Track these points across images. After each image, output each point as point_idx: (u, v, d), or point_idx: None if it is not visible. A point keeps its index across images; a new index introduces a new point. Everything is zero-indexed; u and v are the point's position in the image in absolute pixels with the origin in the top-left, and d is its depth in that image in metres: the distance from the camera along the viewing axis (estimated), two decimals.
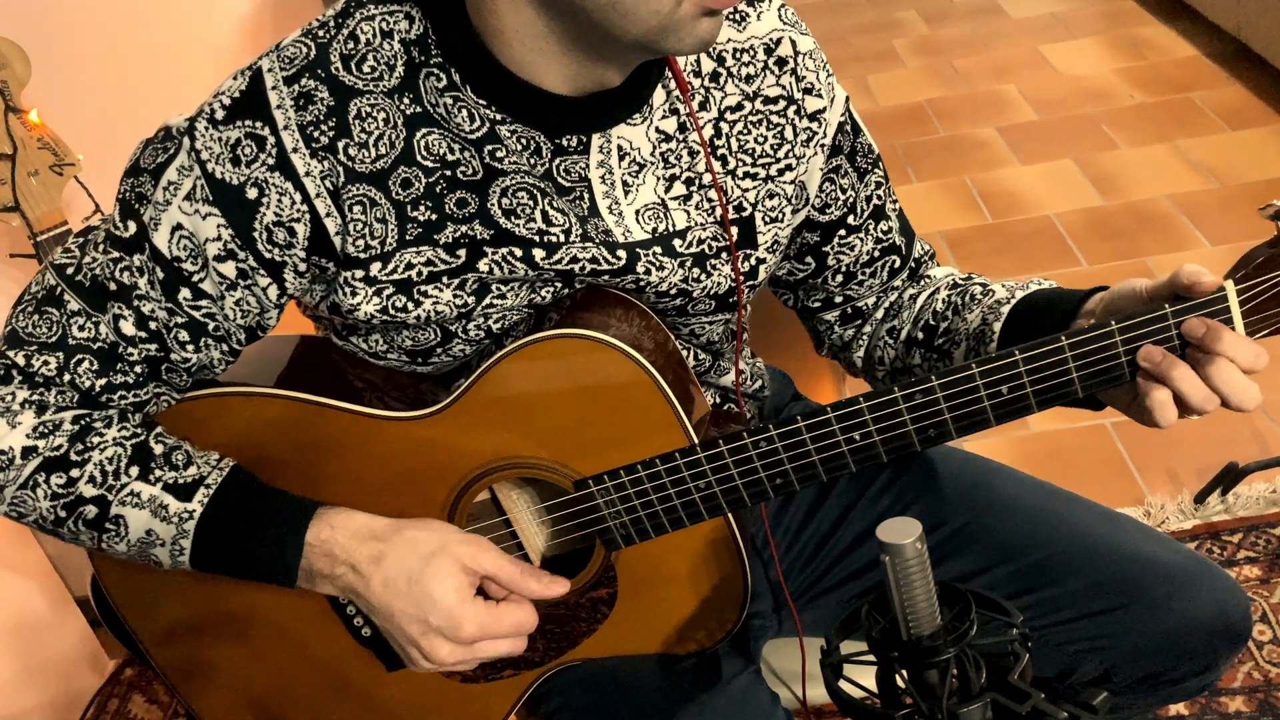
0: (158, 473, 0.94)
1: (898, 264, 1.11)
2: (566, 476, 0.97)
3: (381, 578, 0.93)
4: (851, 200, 1.07)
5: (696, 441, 0.95)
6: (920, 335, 1.09)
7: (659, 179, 0.97)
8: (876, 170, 1.09)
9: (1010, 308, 1.00)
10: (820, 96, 1.02)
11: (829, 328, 1.15)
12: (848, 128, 1.05)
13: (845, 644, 0.83)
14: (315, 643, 1.04)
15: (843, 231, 1.08)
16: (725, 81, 0.99)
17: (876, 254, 1.10)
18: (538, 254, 0.94)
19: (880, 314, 1.13)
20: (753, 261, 1.03)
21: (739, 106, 1.00)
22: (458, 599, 0.93)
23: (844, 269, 1.10)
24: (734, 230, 1.00)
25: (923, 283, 1.13)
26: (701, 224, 0.99)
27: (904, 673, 0.79)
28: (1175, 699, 1.09)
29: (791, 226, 1.05)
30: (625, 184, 0.96)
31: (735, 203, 1.00)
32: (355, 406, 0.97)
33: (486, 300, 0.96)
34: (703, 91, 0.98)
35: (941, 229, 2.89)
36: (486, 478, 0.98)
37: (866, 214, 1.09)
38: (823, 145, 1.04)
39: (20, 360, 0.93)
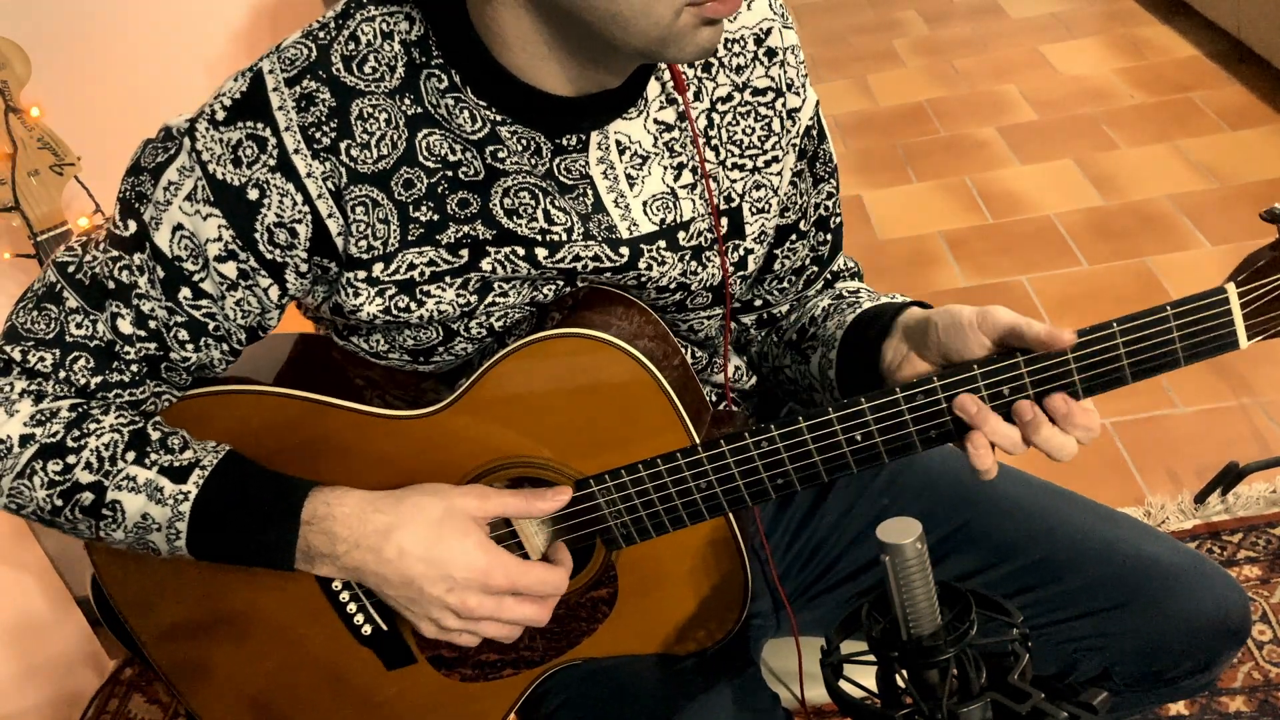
0: (154, 456, 0.94)
1: (814, 274, 1.12)
2: (567, 476, 0.97)
3: (396, 548, 0.93)
4: (804, 206, 1.08)
5: (698, 441, 0.95)
6: (794, 337, 1.10)
7: (666, 168, 0.97)
8: (831, 181, 1.09)
9: (855, 316, 1.02)
10: (798, 94, 1.03)
11: (744, 329, 1.15)
12: (814, 131, 1.06)
13: (845, 644, 0.83)
14: (314, 642, 1.04)
15: (793, 236, 1.09)
16: (717, 72, 0.99)
17: (806, 262, 1.11)
18: (540, 253, 0.94)
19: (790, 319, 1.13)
20: (741, 252, 1.03)
21: (729, 97, 1.00)
22: (482, 551, 0.94)
23: (779, 273, 1.10)
24: (724, 221, 1.01)
25: (827, 291, 1.13)
26: (702, 214, 0.99)
27: (904, 673, 0.79)
28: (1175, 698, 1.09)
29: (776, 218, 1.05)
30: (629, 177, 0.96)
31: (725, 193, 1.01)
32: (356, 405, 0.98)
33: (489, 299, 0.96)
34: (696, 81, 0.99)
35: (941, 229, 2.89)
36: (487, 476, 0.98)
37: (812, 221, 1.09)
38: (793, 144, 1.04)
39: (16, 355, 0.93)
